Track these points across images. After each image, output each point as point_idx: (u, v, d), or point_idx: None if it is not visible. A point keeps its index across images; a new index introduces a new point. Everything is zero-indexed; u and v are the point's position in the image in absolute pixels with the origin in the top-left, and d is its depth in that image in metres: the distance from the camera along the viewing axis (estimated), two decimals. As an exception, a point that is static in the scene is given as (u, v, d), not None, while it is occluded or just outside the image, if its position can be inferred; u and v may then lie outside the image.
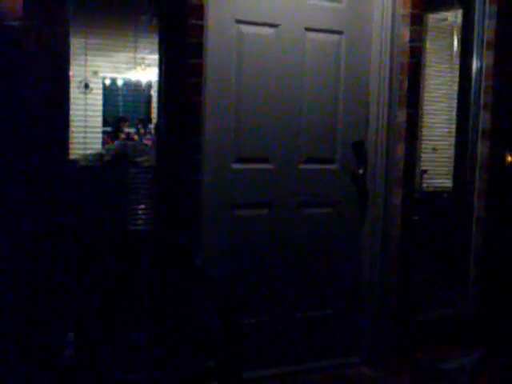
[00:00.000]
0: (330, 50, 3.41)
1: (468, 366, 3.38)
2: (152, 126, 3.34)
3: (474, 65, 3.79)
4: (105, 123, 3.81)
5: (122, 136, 3.86)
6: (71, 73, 3.71)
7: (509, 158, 3.71)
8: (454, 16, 3.89)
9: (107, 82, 3.92)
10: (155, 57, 3.11)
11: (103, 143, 3.77)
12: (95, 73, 3.94)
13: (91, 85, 3.89)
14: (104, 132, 3.80)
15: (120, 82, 3.94)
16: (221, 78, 3.14)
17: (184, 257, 3.00)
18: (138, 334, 2.82)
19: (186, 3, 2.94)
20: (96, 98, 3.87)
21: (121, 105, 3.89)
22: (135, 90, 3.88)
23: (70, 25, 2.88)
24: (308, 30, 3.34)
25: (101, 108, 3.86)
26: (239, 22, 3.17)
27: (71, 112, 3.63)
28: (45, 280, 2.70)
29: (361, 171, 3.46)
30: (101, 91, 3.84)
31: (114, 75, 3.86)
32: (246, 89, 3.20)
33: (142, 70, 3.92)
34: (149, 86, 3.66)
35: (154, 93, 3.33)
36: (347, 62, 3.44)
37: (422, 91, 3.56)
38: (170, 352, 2.72)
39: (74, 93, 3.90)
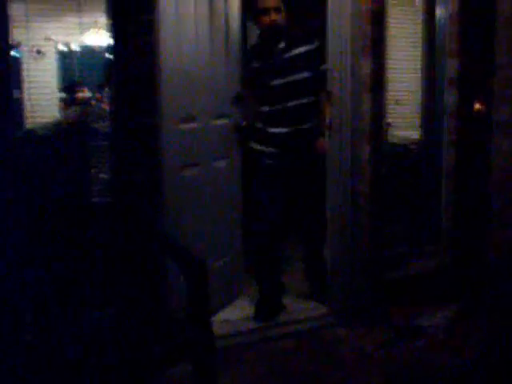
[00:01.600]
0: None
1: (443, 322, 3.36)
2: (108, 91, 3.22)
3: (439, 10, 3.68)
4: (61, 89, 3.67)
5: (79, 101, 3.72)
6: (19, 38, 3.55)
7: (477, 106, 3.63)
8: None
9: (60, 47, 3.76)
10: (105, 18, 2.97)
11: (60, 110, 3.64)
12: (47, 39, 3.79)
13: (43, 50, 3.74)
14: (60, 99, 3.66)
15: (74, 47, 3.79)
16: (170, 37, 3.01)
17: (145, 224, 2.92)
18: (102, 312, 2.73)
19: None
20: (49, 64, 3.73)
21: (76, 70, 3.76)
22: (90, 54, 3.73)
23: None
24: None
25: (55, 73, 3.73)
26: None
27: (24, 79, 3.49)
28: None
29: (244, 124, 3.59)
30: (54, 57, 3.70)
31: (67, 40, 3.71)
32: (184, 48, 3.14)
33: (95, 32, 3.77)
34: (104, 49, 3.52)
35: (108, 56, 3.20)
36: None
37: (385, 40, 3.44)
38: (136, 328, 2.65)
39: (26, 59, 3.75)
